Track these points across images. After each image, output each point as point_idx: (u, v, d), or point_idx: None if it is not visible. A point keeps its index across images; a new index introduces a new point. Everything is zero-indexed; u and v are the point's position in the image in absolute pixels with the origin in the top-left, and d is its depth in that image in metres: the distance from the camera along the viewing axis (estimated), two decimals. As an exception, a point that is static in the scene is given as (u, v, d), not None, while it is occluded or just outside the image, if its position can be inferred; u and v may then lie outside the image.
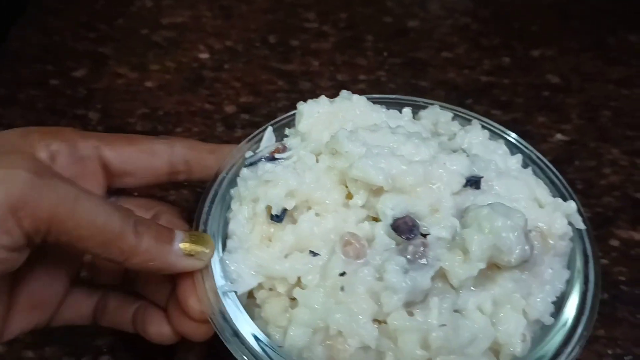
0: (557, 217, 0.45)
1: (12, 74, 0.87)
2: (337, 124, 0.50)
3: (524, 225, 0.40)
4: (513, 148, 0.53)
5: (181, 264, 0.41)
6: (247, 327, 0.41)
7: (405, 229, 0.42)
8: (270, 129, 0.53)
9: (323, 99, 0.51)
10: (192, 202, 0.70)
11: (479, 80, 0.87)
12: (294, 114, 0.52)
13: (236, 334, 0.40)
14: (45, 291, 0.44)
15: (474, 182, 0.45)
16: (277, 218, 0.44)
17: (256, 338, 0.41)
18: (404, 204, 0.43)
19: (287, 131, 0.53)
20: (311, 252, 0.43)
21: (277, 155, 0.48)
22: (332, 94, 0.52)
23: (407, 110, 0.54)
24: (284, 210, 0.44)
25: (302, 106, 0.51)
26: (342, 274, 0.41)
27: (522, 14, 1.01)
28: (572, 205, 0.46)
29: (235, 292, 0.43)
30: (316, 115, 0.50)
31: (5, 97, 0.83)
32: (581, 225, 0.47)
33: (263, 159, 0.48)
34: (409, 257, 0.40)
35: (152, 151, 0.47)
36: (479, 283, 0.42)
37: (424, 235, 0.42)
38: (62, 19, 0.97)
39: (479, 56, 0.91)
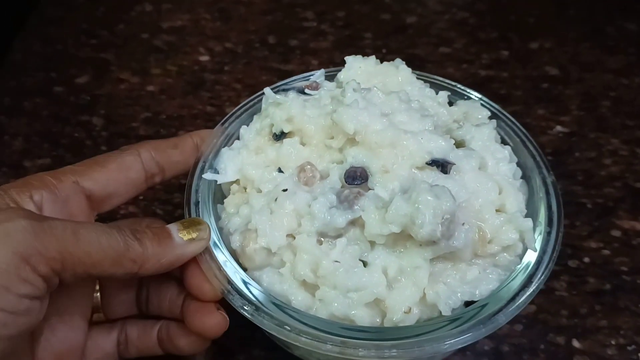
0: (508, 229, 0.46)
1: (16, 83, 0.89)
2: (374, 81, 0.57)
3: (447, 211, 0.42)
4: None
5: (188, 250, 0.44)
6: (258, 294, 0.45)
7: (352, 176, 0.48)
8: (322, 70, 0.61)
9: (372, 58, 0.59)
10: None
11: (477, 75, 0.88)
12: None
13: (250, 302, 0.45)
14: (66, 341, 0.45)
15: (440, 165, 0.48)
16: (275, 137, 0.52)
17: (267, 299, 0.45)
18: (363, 157, 0.48)
19: (338, 77, 0.60)
20: (279, 168, 0.51)
21: (307, 90, 0.57)
22: (331, 94, 0.54)
23: (443, 94, 0.58)
24: (282, 132, 0.52)
25: (349, 58, 0.59)
26: (285, 190, 0.48)
27: (519, 6, 1.01)
28: (527, 223, 0.47)
29: (216, 181, 0.52)
30: (358, 70, 0.58)
31: (10, 106, 0.85)
32: (532, 247, 0.47)
33: (295, 89, 0.57)
34: (340, 198, 0.47)
35: (125, 166, 0.48)
36: (393, 247, 0.45)
37: (368, 189, 0.47)
38: (64, 27, 0.98)
39: (477, 50, 0.92)
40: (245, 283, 0.46)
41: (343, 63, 0.90)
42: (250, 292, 0.45)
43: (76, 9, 1.02)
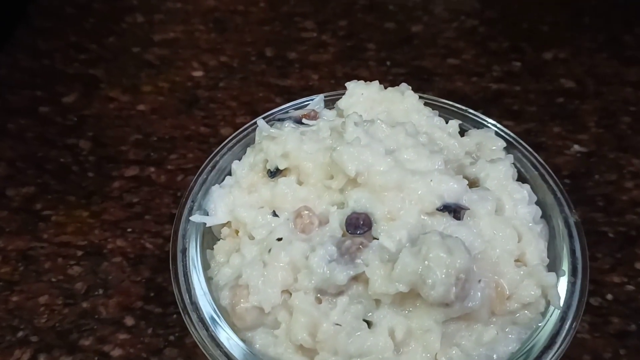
0: (529, 285, 0.42)
1: (1, 102, 0.84)
2: (377, 110, 0.53)
3: (462, 269, 0.38)
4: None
5: None
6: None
7: (353, 224, 0.43)
8: (321, 96, 0.57)
9: (375, 84, 0.54)
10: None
11: (488, 89, 0.83)
12: None
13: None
14: None
15: (452, 210, 0.43)
16: (270, 173, 0.48)
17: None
18: (367, 202, 0.43)
19: (338, 104, 0.55)
20: (274, 212, 0.46)
21: (304, 120, 0.52)
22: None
23: (453, 123, 0.53)
24: (277, 169, 0.48)
25: (350, 84, 0.54)
26: (279, 239, 0.43)
27: (532, 13, 0.96)
28: (550, 278, 0.42)
29: (205, 223, 0.48)
30: (360, 97, 0.53)
31: (-7, 127, 0.80)
32: (556, 304, 0.42)
33: (291, 118, 0.52)
34: (341, 249, 0.41)
35: None
36: (401, 306, 0.41)
37: (373, 238, 0.42)
38: (52, 39, 0.93)
39: (487, 62, 0.87)
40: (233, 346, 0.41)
41: (345, 77, 0.86)
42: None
43: (65, 19, 0.97)
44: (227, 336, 0.42)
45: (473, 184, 0.47)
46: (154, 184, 0.71)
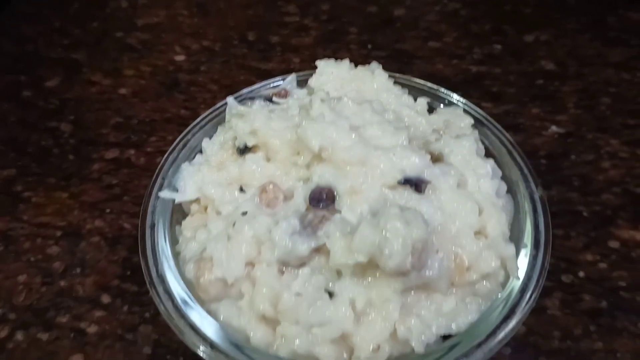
0: (488, 256, 0.42)
1: (-17, 86, 0.84)
2: (347, 89, 0.54)
3: (418, 239, 0.38)
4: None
5: None
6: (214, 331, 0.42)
7: (317, 198, 0.43)
8: (293, 75, 0.57)
9: (346, 62, 0.55)
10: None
11: (468, 71, 0.83)
12: None
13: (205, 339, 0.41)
14: None
15: (413, 184, 0.43)
16: (239, 151, 0.49)
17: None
18: (330, 176, 0.44)
19: (309, 83, 0.56)
20: (241, 187, 0.47)
21: (275, 99, 0.53)
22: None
23: (421, 101, 0.54)
24: (246, 146, 0.48)
25: (320, 62, 0.55)
26: (244, 213, 0.44)
27: (516, -5, 0.96)
28: (509, 249, 0.43)
29: (174, 200, 0.49)
30: (330, 76, 0.54)
31: (-25, 112, 0.81)
32: (515, 275, 0.43)
33: (262, 97, 0.53)
34: (303, 222, 0.42)
35: None
36: (362, 277, 0.41)
37: (336, 212, 0.43)
38: (35, 24, 0.94)
39: (468, 44, 0.87)
40: (199, 319, 0.42)
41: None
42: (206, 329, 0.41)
43: (49, 5, 0.98)
44: (191, 308, 0.42)
45: (437, 159, 0.48)
46: (133, 166, 0.72)
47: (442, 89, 0.57)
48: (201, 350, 0.40)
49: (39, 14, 0.96)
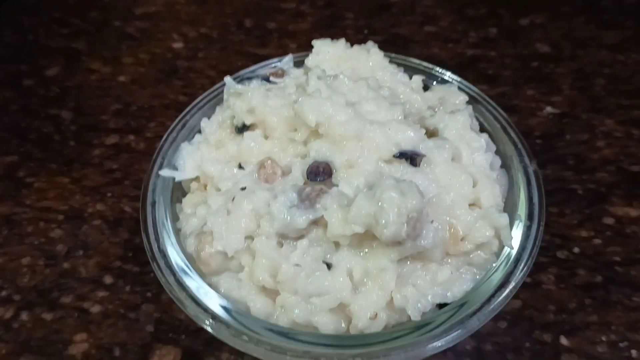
0: (482, 226, 0.43)
1: (-16, 76, 0.85)
2: (343, 67, 0.54)
3: (413, 209, 0.39)
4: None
5: None
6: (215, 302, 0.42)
7: (314, 172, 0.44)
8: (290, 56, 0.58)
9: (342, 42, 0.56)
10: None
11: (464, 54, 0.83)
12: None
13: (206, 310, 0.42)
14: None
15: (409, 157, 0.44)
16: (237, 129, 0.49)
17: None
18: (327, 151, 0.45)
19: (306, 62, 0.56)
20: (239, 164, 0.48)
21: (272, 78, 0.54)
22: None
23: (416, 78, 0.55)
24: (244, 124, 0.49)
25: (317, 42, 0.56)
26: (243, 188, 0.45)
27: (511, -20, 0.96)
28: (502, 218, 0.43)
29: (174, 179, 0.50)
30: (327, 55, 0.55)
31: (-23, 100, 0.81)
32: (508, 244, 0.44)
33: (259, 77, 0.54)
34: (301, 196, 0.43)
35: None
36: (359, 248, 0.42)
37: (332, 185, 0.44)
38: (36, 15, 0.94)
39: (464, 28, 0.87)
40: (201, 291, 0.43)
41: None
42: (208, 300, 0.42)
43: (48, -4, 0.98)
44: (193, 280, 0.43)
45: (433, 134, 0.48)
46: (133, 151, 0.73)
47: (437, 68, 0.58)
48: (203, 322, 0.41)
49: (39, 5, 0.97)
